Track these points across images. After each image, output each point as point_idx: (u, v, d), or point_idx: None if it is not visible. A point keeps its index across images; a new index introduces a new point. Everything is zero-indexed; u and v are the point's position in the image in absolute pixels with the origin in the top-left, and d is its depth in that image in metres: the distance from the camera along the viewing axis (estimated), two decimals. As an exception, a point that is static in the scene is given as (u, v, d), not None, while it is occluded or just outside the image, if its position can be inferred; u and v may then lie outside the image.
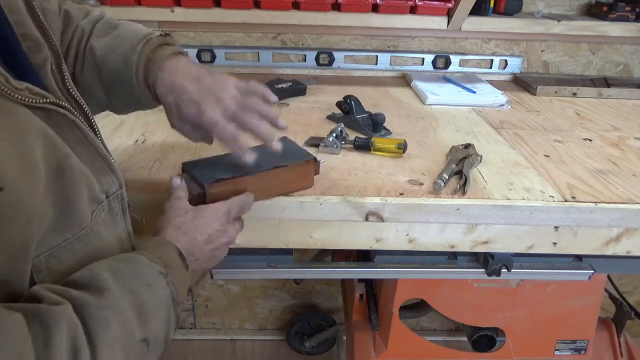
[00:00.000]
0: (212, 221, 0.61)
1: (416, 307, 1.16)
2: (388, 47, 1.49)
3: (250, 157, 0.64)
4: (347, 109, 1.04)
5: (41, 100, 0.43)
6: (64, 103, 0.46)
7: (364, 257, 0.99)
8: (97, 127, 0.54)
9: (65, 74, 0.51)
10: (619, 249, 0.81)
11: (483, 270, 0.87)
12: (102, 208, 0.52)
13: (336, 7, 1.37)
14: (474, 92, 1.29)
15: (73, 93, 0.52)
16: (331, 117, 1.09)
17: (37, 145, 0.41)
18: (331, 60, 1.47)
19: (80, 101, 0.52)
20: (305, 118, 1.09)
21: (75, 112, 0.48)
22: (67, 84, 0.51)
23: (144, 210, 0.66)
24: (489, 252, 0.85)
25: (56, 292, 0.43)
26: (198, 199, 0.64)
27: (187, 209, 0.61)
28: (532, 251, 0.81)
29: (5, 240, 0.39)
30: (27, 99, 0.41)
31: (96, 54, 0.64)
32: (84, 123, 0.50)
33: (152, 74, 0.62)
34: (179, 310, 0.53)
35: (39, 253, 0.44)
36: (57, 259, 0.46)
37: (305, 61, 1.46)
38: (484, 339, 1.04)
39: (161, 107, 0.68)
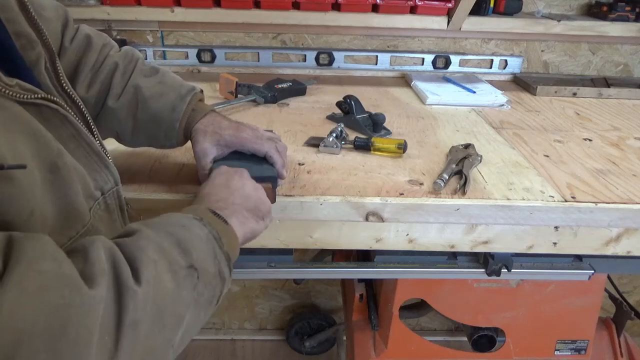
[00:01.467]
0: (225, 175, 0.64)
1: (416, 307, 1.16)
2: (388, 47, 1.49)
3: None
4: (347, 109, 1.04)
5: (32, 96, 0.43)
6: (55, 98, 0.46)
7: (364, 257, 0.99)
8: (93, 125, 0.54)
9: (59, 71, 0.51)
10: (619, 249, 0.81)
11: (483, 270, 0.87)
12: (98, 205, 0.52)
13: (336, 7, 1.37)
14: (474, 92, 1.29)
15: (68, 90, 0.52)
16: (331, 117, 1.09)
17: (24, 143, 0.41)
18: (331, 60, 1.47)
19: (75, 98, 0.52)
20: (305, 118, 1.09)
21: (68, 108, 0.48)
22: (62, 81, 0.52)
23: (143, 210, 0.66)
24: (489, 252, 0.85)
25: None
26: None
27: (217, 175, 0.65)
28: (532, 251, 0.81)
29: (12, 228, 0.38)
30: (17, 95, 0.41)
31: (143, 93, 0.70)
32: (79, 120, 0.50)
33: (194, 120, 0.72)
34: (227, 250, 0.52)
35: None
36: None
37: (305, 61, 1.46)
38: (484, 339, 1.04)
39: None
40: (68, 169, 0.46)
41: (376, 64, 1.49)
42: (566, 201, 0.77)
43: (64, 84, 0.52)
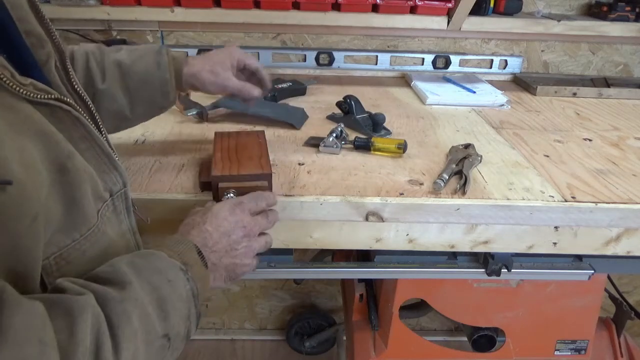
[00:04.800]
0: (222, 212, 0.62)
1: (416, 307, 1.16)
2: (388, 47, 1.49)
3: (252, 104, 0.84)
4: (347, 109, 1.04)
5: (45, 96, 0.43)
6: (68, 99, 0.46)
7: (364, 257, 0.99)
8: (101, 125, 0.54)
9: (69, 70, 0.52)
10: (619, 249, 0.81)
11: (483, 270, 0.87)
12: (106, 207, 0.52)
13: (336, 7, 1.37)
14: (474, 92, 1.29)
15: (78, 89, 0.52)
16: (331, 117, 1.09)
17: (34, 145, 0.41)
18: (331, 60, 1.47)
19: (85, 98, 0.52)
20: (305, 118, 1.09)
21: (80, 109, 0.48)
22: (72, 80, 0.52)
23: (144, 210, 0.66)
24: (489, 252, 0.85)
25: (79, 285, 0.43)
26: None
27: (197, 209, 0.64)
28: (532, 251, 0.81)
29: (13, 236, 0.38)
30: (31, 94, 0.41)
31: (124, 63, 0.74)
32: (89, 120, 0.50)
33: (180, 65, 0.77)
34: (200, 307, 0.53)
35: (49, 255, 0.44)
36: (66, 260, 0.46)
37: (305, 61, 1.46)
38: (484, 339, 1.04)
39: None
40: (78, 171, 0.46)
41: (376, 64, 1.49)
42: (566, 201, 0.77)
43: (75, 84, 0.52)
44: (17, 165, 0.38)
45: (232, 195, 0.68)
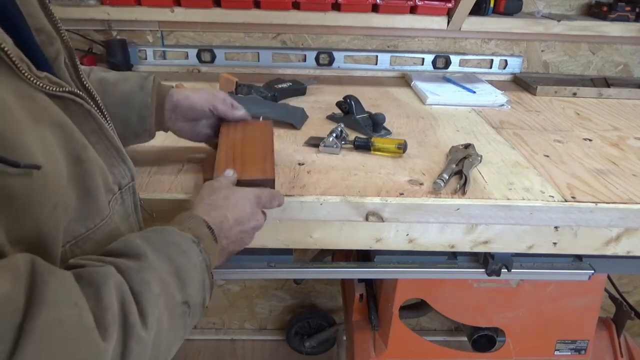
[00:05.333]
0: (243, 202, 0.63)
1: (416, 307, 1.16)
2: (388, 47, 1.49)
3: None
4: (347, 109, 1.04)
5: (59, 89, 0.44)
6: (81, 93, 0.47)
7: (364, 257, 0.99)
8: (109, 120, 0.55)
9: (78, 67, 0.52)
10: (619, 249, 0.81)
11: (483, 270, 0.87)
12: (115, 200, 0.53)
13: (336, 7, 1.37)
14: (474, 92, 1.29)
15: (87, 85, 0.53)
16: (331, 117, 1.09)
17: (52, 134, 0.42)
18: (331, 60, 1.47)
19: (93, 93, 0.53)
20: (305, 118, 1.09)
21: (92, 103, 0.50)
22: (81, 76, 0.52)
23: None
24: (489, 252, 0.85)
25: (95, 260, 0.44)
26: None
27: (220, 188, 0.64)
28: (532, 251, 0.81)
29: (37, 222, 0.39)
30: (47, 87, 0.42)
31: (108, 80, 0.73)
32: (99, 115, 0.51)
33: (164, 93, 0.76)
34: (212, 277, 0.55)
35: (64, 243, 0.45)
36: (81, 249, 0.47)
37: (305, 61, 1.46)
38: (484, 339, 1.04)
39: None
40: (91, 163, 0.47)
41: (376, 64, 1.49)
42: (566, 201, 0.77)
43: (84, 80, 0.53)
44: (39, 154, 0.39)
45: None
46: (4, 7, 0.42)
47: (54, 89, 0.43)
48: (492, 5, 1.41)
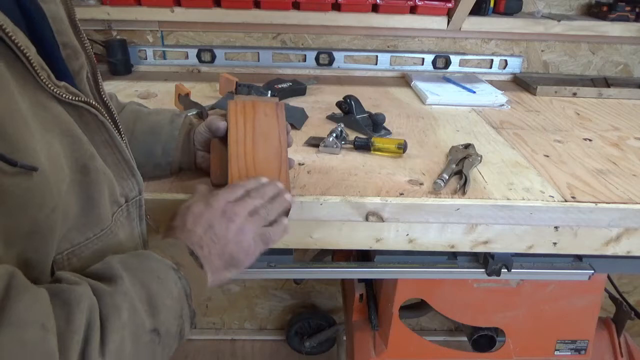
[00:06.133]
0: (195, 208, 0.61)
1: (416, 307, 1.16)
2: (388, 47, 1.49)
3: None
4: (347, 109, 1.04)
5: (75, 99, 0.46)
6: (95, 104, 0.49)
7: (364, 257, 0.99)
8: (123, 135, 0.56)
9: (99, 81, 0.55)
10: (619, 249, 0.81)
11: (483, 270, 0.87)
12: (121, 212, 0.53)
13: (336, 7, 1.37)
14: (474, 92, 1.29)
15: (105, 100, 0.55)
16: (331, 117, 1.09)
17: (60, 143, 0.44)
18: (331, 60, 1.47)
19: (111, 108, 0.55)
20: (305, 118, 1.09)
21: (106, 115, 0.51)
22: (101, 90, 0.55)
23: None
24: (489, 252, 0.85)
25: (75, 277, 0.45)
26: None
27: (188, 205, 0.62)
28: (532, 251, 0.81)
29: (31, 223, 0.40)
30: (63, 95, 0.45)
31: (143, 111, 0.77)
32: (113, 127, 0.53)
33: (194, 127, 0.78)
34: (194, 306, 0.53)
35: (62, 250, 0.46)
36: (77, 257, 0.48)
37: (305, 61, 1.46)
38: (484, 339, 1.04)
39: None
40: (97, 173, 0.48)
41: (376, 64, 1.49)
42: (566, 201, 0.77)
43: (103, 94, 0.55)
44: (43, 157, 0.40)
45: None
46: (30, 19, 0.45)
47: (70, 97, 0.45)
48: (492, 5, 1.41)
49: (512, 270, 0.86)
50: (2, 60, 0.39)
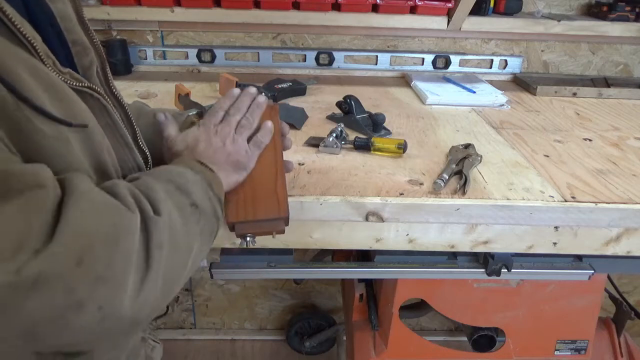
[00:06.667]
0: (190, 133, 0.67)
1: (416, 307, 1.16)
2: (388, 47, 1.49)
3: None
4: (347, 109, 1.04)
5: (79, 84, 0.50)
6: (98, 89, 0.53)
7: (364, 257, 0.99)
8: (136, 126, 0.62)
9: (108, 75, 0.59)
10: (619, 249, 0.81)
11: (483, 270, 0.87)
12: None
13: (336, 7, 1.37)
14: (474, 92, 1.29)
15: (115, 93, 0.59)
16: (331, 117, 1.09)
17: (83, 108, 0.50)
18: (331, 60, 1.47)
19: (121, 100, 0.60)
20: (305, 118, 1.09)
21: (108, 100, 0.55)
22: (110, 83, 0.59)
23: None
24: (489, 252, 0.85)
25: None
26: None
27: (183, 137, 0.67)
28: (532, 251, 0.81)
29: (97, 153, 0.50)
30: (68, 81, 0.48)
31: (146, 108, 0.79)
32: (122, 119, 0.58)
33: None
34: (218, 194, 0.59)
35: None
36: None
37: (305, 61, 1.46)
38: (484, 339, 1.04)
39: None
40: (107, 151, 0.53)
41: (376, 64, 1.49)
42: (566, 201, 0.77)
43: (112, 87, 0.59)
44: (87, 116, 0.49)
45: (249, 238, 0.66)
46: (34, 18, 0.48)
47: (74, 83, 0.49)
48: (492, 5, 1.41)
49: (512, 270, 0.86)
50: (21, 47, 0.44)
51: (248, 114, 0.70)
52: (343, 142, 0.92)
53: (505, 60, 1.50)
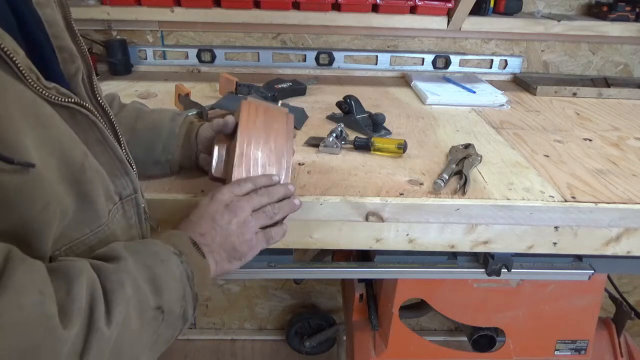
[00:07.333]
0: (201, 202, 0.63)
1: (416, 307, 1.16)
2: (388, 47, 1.49)
3: None
4: (347, 109, 1.04)
5: (66, 100, 0.46)
6: (87, 104, 0.50)
7: (364, 257, 0.99)
8: (121, 137, 0.57)
9: (94, 83, 0.55)
10: (619, 249, 0.81)
11: (483, 270, 0.87)
12: (116, 209, 0.54)
13: (336, 7, 1.37)
14: (474, 92, 1.29)
15: (101, 101, 0.55)
16: (331, 117, 1.09)
17: (53, 142, 0.44)
18: (331, 60, 1.47)
19: (106, 109, 0.56)
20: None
21: (97, 115, 0.52)
22: (96, 92, 0.55)
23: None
24: (489, 252, 0.85)
25: (72, 258, 0.46)
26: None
27: (197, 204, 0.64)
28: (532, 251, 0.81)
29: (24, 218, 0.41)
30: (53, 97, 0.45)
31: (143, 110, 0.78)
32: (107, 128, 0.53)
33: (194, 128, 0.78)
34: (195, 289, 0.54)
35: (60, 246, 0.47)
36: (74, 253, 0.48)
37: (305, 61, 1.46)
38: (484, 339, 1.04)
39: None
40: (91, 170, 0.48)
41: (376, 64, 1.49)
42: (566, 201, 0.77)
43: (98, 96, 0.55)
44: (37, 155, 0.41)
45: None
46: (24, 23, 0.45)
47: (61, 99, 0.46)
48: (492, 5, 1.41)
49: (512, 270, 0.86)
50: None
51: (278, 205, 0.65)
52: (343, 142, 0.92)
53: (505, 60, 1.50)
